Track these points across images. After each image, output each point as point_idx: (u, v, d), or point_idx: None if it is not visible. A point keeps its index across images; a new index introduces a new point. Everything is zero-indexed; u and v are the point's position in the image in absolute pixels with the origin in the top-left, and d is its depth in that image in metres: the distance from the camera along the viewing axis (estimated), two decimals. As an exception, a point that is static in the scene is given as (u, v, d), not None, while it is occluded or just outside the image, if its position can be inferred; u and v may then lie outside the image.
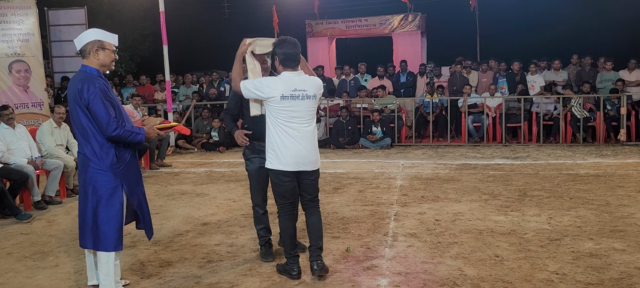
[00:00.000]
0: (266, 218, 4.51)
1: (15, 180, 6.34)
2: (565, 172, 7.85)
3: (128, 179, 3.71)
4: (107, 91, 3.60)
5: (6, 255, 4.88)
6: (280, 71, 3.94)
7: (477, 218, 5.52)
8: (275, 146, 3.89)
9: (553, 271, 4.04)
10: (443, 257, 4.43)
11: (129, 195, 3.73)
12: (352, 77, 12.77)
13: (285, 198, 3.98)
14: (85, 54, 3.66)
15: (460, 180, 7.42)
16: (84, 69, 3.65)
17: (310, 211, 4.11)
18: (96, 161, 3.61)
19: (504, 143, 10.90)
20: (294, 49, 3.90)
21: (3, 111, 6.87)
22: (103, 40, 3.67)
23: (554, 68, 11.78)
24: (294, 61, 3.91)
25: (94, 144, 3.60)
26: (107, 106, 3.53)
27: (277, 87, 3.82)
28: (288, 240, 4.04)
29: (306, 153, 3.92)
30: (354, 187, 7.25)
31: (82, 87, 3.53)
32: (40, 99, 10.81)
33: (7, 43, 10.53)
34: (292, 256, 4.03)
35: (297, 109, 3.87)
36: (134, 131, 3.63)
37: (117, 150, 3.65)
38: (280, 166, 3.89)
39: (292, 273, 4.01)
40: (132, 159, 3.78)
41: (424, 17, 16.31)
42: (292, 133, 3.87)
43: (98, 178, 3.63)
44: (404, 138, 11.53)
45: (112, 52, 3.71)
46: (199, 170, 9.04)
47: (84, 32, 3.72)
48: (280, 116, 3.85)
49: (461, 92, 11.60)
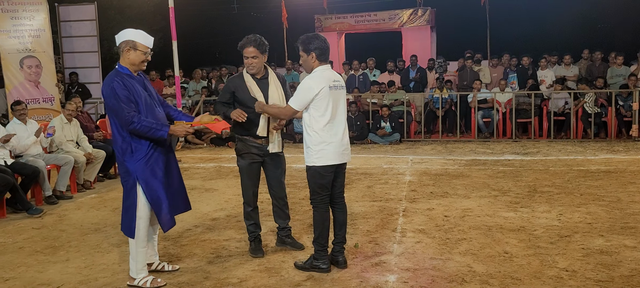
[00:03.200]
0: (256, 214, 4.52)
1: (26, 175, 6.39)
2: (576, 168, 7.79)
3: (144, 173, 3.82)
4: (131, 87, 3.75)
5: (18, 249, 4.93)
6: (315, 66, 4.01)
7: (486, 214, 5.50)
8: (321, 141, 3.93)
9: (563, 268, 4.02)
10: (452, 253, 4.42)
11: (144, 189, 3.79)
12: (361, 72, 12.74)
13: (327, 188, 4.03)
14: (119, 52, 3.85)
15: (469, 176, 7.39)
16: (116, 67, 3.87)
17: (340, 206, 4.17)
18: (120, 153, 3.85)
19: (514, 138, 10.83)
20: (326, 43, 4.02)
21: (16, 107, 6.94)
22: (136, 41, 3.81)
23: (565, 63, 11.67)
24: (328, 55, 4.04)
25: (117, 136, 3.83)
26: (125, 102, 3.69)
27: (322, 81, 3.91)
28: (325, 233, 4.07)
29: (347, 142, 4.06)
30: (362, 182, 7.24)
31: (103, 84, 3.82)
32: (51, 95, 10.89)
33: (18, 39, 10.61)
34: (325, 249, 4.07)
35: (339, 99, 4.01)
36: (152, 127, 3.74)
37: (134, 143, 3.80)
38: (328, 161, 3.95)
39: (323, 266, 4.04)
40: (154, 153, 3.86)
41: (433, 12, 16.24)
42: (338, 124, 3.98)
43: (121, 170, 3.92)
44: (413, 133, 11.49)
45: (143, 53, 3.84)
46: (208, 165, 9.08)
47: (122, 31, 3.86)
48: (328, 108, 3.91)
49: (471, 87, 11.53)
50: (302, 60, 4.09)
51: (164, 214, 3.90)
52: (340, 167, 4.09)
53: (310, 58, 4.02)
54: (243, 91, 4.31)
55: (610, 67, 11.23)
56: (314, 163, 3.98)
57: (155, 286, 3.94)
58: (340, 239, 4.16)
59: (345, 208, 4.22)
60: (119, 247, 4.86)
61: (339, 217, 4.17)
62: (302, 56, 4.06)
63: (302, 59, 4.09)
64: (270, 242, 4.77)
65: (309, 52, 4.00)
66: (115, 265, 4.42)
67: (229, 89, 4.38)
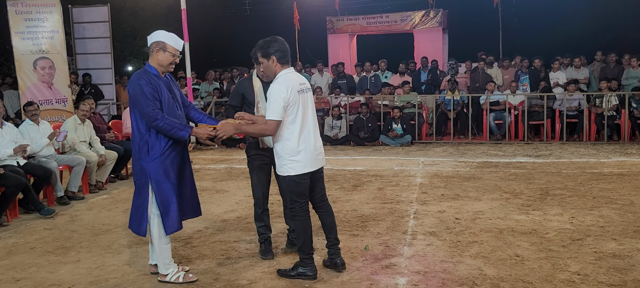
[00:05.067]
0: (267, 216, 4.52)
1: (39, 175, 6.45)
2: (589, 170, 7.70)
3: (157, 174, 3.87)
4: (156, 87, 3.83)
5: (29, 249, 4.98)
6: (278, 71, 3.86)
7: (497, 217, 5.45)
8: (294, 150, 3.81)
9: (575, 271, 3.97)
10: (462, 256, 4.38)
11: (155, 189, 3.82)
12: (373, 74, 12.72)
13: (304, 196, 3.96)
14: (149, 52, 3.94)
15: (481, 178, 7.34)
16: (145, 66, 3.97)
17: (325, 209, 4.11)
18: (137, 150, 3.92)
19: (527, 141, 10.74)
20: (285, 45, 3.89)
21: (28, 107, 7.00)
22: (167, 42, 3.90)
23: (575, 65, 11.54)
24: (289, 57, 3.91)
25: (136, 133, 3.91)
26: (150, 99, 3.77)
27: (289, 84, 3.77)
28: (309, 240, 3.99)
29: (320, 145, 3.97)
30: (373, 184, 7.22)
31: (130, 81, 3.89)
32: (64, 96, 11.00)
33: (32, 40, 10.73)
34: (310, 256, 4.00)
35: (308, 103, 3.90)
36: (175, 126, 3.81)
37: (151, 142, 3.86)
38: (302, 169, 3.85)
39: (310, 273, 3.98)
40: (170, 155, 3.90)
41: (445, 14, 16.17)
42: (309, 129, 3.87)
43: (135, 167, 3.98)
44: (424, 135, 11.44)
45: (172, 55, 3.92)
46: (219, 166, 9.10)
47: (154, 32, 3.97)
48: (299, 114, 3.81)
49: (483, 89, 11.46)
50: (263, 66, 3.93)
51: (170, 218, 3.92)
52: (316, 173, 3.98)
53: (271, 62, 3.85)
54: (250, 94, 4.32)
55: (625, 69, 11.09)
56: (288, 173, 3.85)
57: (187, 281, 4.00)
58: (332, 241, 4.08)
59: (331, 210, 4.14)
60: (129, 248, 4.89)
61: (326, 220, 4.10)
62: (263, 62, 3.90)
63: (263, 65, 3.93)
64: (280, 243, 4.77)
65: (269, 57, 3.85)
66: (126, 266, 4.44)
67: (239, 91, 4.40)
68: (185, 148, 4.10)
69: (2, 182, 5.79)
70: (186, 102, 4.20)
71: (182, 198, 4.02)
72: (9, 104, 11.27)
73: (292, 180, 3.87)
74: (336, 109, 11.28)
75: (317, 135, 3.98)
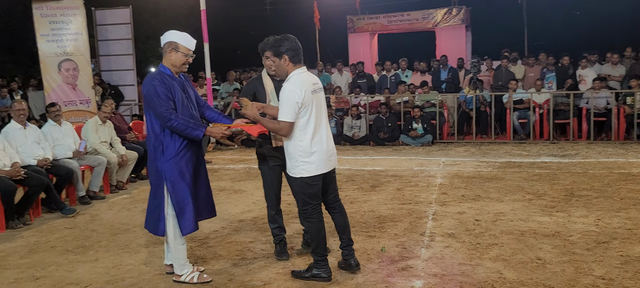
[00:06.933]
0: (280, 217, 4.48)
1: (61, 175, 6.53)
2: (617, 171, 7.48)
3: (172, 174, 3.87)
4: (170, 87, 3.83)
5: (50, 248, 5.03)
6: (290, 71, 3.79)
7: (519, 218, 5.32)
8: (307, 151, 3.75)
9: (599, 276, 3.83)
10: (482, 258, 4.28)
11: (170, 190, 3.82)
12: (393, 73, 12.59)
13: (317, 197, 3.90)
14: (163, 53, 3.94)
15: (503, 179, 7.19)
16: (159, 67, 3.97)
17: (338, 210, 4.06)
18: (152, 151, 3.93)
19: (552, 140, 10.50)
20: (297, 43, 3.80)
21: (50, 108, 7.10)
22: (178, 42, 3.89)
23: (612, 61, 11.15)
24: (301, 56, 3.82)
25: (150, 134, 3.92)
26: (164, 100, 3.77)
27: (303, 85, 3.71)
28: (322, 242, 3.94)
29: (332, 146, 3.92)
30: (392, 184, 7.12)
31: (144, 82, 3.91)
32: (88, 97, 11.16)
33: (57, 43, 10.92)
34: (324, 258, 3.95)
35: (321, 103, 3.85)
36: (189, 126, 3.80)
37: (166, 142, 3.86)
38: (316, 171, 3.79)
39: (324, 275, 3.92)
40: (185, 155, 3.90)
41: (468, 11, 15.95)
42: (322, 131, 3.82)
43: (151, 168, 4.01)
44: (446, 135, 11.27)
45: (185, 55, 3.91)
46: (237, 166, 9.11)
47: (166, 32, 3.96)
48: (312, 115, 3.75)
49: (506, 87, 11.24)
50: (275, 66, 3.85)
51: (186, 218, 3.91)
52: (329, 174, 3.91)
53: (283, 62, 3.77)
54: (262, 94, 4.27)
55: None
56: (301, 174, 3.79)
57: (201, 281, 3.99)
58: (346, 243, 4.03)
59: (344, 210, 4.09)
60: (147, 248, 4.91)
61: (340, 221, 4.04)
62: (274, 61, 3.82)
63: (274, 64, 3.85)
64: (296, 244, 4.72)
65: (281, 56, 3.77)
66: (142, 266, 4.45)
67: (250, 91, 4.33)
68: (200, 149, 4.09)
69: (25, 182, 5.89)
70: (201, 102, 4.19)
71: (198, 198, 4.01)
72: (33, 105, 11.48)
73: (304, 182, 3.81)
74: (355, 109, 11.19)
75: (330, 135, 3.92)
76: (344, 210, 4.09)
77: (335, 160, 3.97)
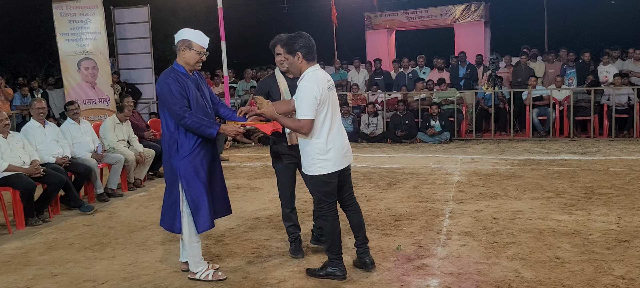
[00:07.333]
0: (295, 215, 4.47)
1: (79, 173, 6.61)
2: (638, 168, 7.32)
3: (186, 172, 3.88)
4: (184, 85, 3.84)
5: (68, 245, 5.09)
6: (304, 68, 3.75)
7: (538, 217, 5.24)
8: (323, 149, 3.73)
9: (619, 275, 3.75)
10: (499, 257, 4.22)
11: (185, 187, 3.84)
12: (411, 71, 12.50)
13: (333, 195, 3.88)
14: (176, 51, 3.95)
15: (522, 177, 7.08)
16: (173, 65, 3.98)
17: (353, 208, 4.03)
18: (167, 149, 3.95)
19: (572, 137, 10.32)
20: (311, 41, 3.75)
21: (69, 106, 7.18)
22: (191, 40, 3.89)
23: (635, 57, 10.91)
24: (314, 54, 3.77)
25: (165, 132, 3.94)
26: (178, 98, 3.78)
27: (319, 83, 3.70)
28: (337, 240, 3.91)
29: (347, 143, 3.90)
30: (409, 182, 7.07)
31: (158, 80, 3.93)
32: (107, 95, 11.29)
33: (76, 41, 11.06)
34: (339, 256, 3.93)
35: (335, 100, 3.84)
36: (203, 124, 3.80)
37: (180, 140, 3.87)
38: (332, 168, 3.77)
39: (339, 273, 3.90)
40: (200, 152, 3.91)
41: (488, 7, 15.74)
42: (337, 128, 3.80)
43: (166, 166, 4.03)
44: (464, 132, 11.16)
45: (198, 53, 3.91)
46: (254, 164, 9.13)
47: (180, 30, 3.97)
48: (328, 112, 3.74)
49: (526, 83, 11.07)
50: (288, 63, 3.82)
51: (201, 216, 3.92)
52: (344, 171, 3.90)
53: (296, 59, 3.73)
54: (276, 92, 4.26)
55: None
56: (318, 172, 3.76)
57: (216, 279, 4.01)
58: (361, 241, 4.02)
59: (358, 208, 4.07)
60: (163, 245, 4.94)
61: (354, 218, 4.02)
62: (288, 59, 3.79)
63: (287, 61, 3.83)
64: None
65: (294, 53, 3.72)
66: (158, 263, 4.48)
67: (264, 89, 4.32)
68: (215, 147, 4.10)
69: (44, 180, 5.96)
70: (215, 99, 4.20)
71: (213, 196, 4.02)
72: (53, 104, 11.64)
73: (321, 180, 3.79)
74: (372, 106, 11.13)
75: (344, 132, 3.91)
76: (358, 208, 4.07)
77: (350, 156, 3.95)
